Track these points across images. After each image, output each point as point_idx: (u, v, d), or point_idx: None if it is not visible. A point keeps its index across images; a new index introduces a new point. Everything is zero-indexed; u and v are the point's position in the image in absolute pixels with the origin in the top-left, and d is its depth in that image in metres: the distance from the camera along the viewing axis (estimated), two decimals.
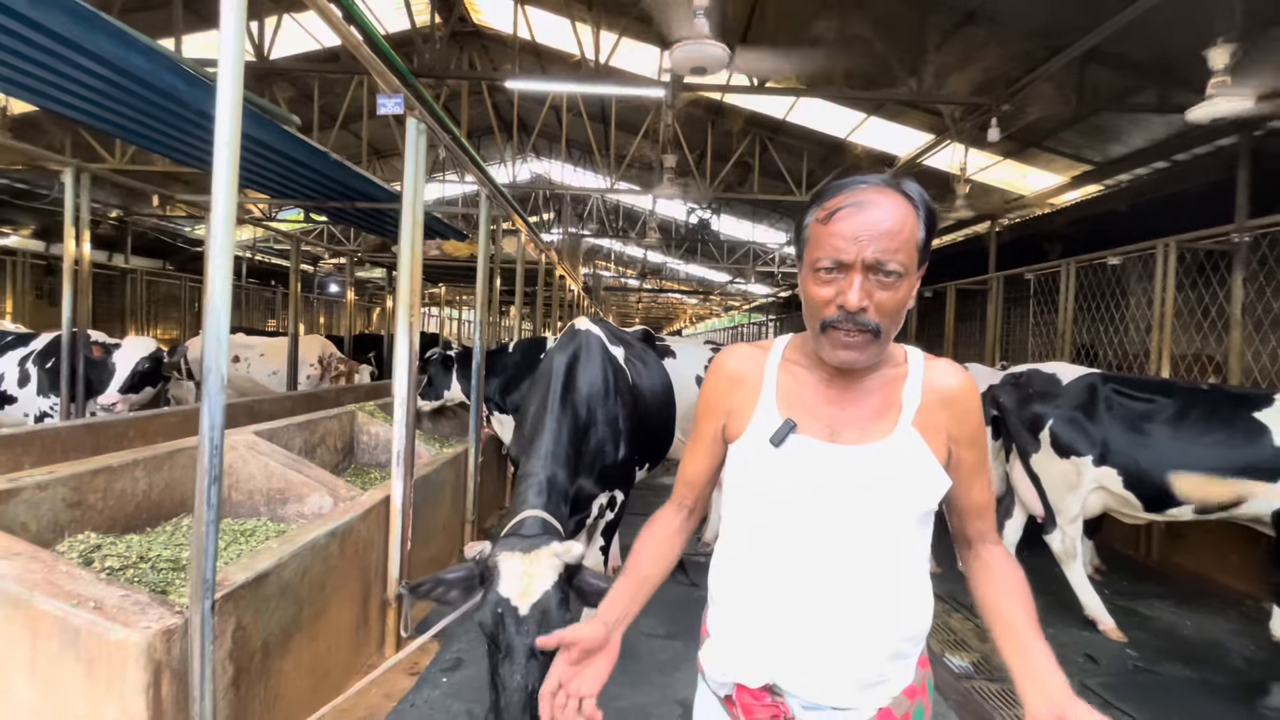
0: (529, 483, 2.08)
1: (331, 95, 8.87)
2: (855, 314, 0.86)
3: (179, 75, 2.76)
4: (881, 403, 0.95)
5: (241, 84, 1.67)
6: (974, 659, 3.15)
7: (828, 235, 0.88)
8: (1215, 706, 2.80)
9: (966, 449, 0.97)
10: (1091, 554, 4.41)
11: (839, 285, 0.87)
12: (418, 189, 2.88)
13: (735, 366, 1.04)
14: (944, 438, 0.95)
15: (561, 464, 2.15)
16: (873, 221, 0.86)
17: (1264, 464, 3.17)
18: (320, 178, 4.55)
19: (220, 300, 1.58)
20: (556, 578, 1.60)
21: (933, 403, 0.95)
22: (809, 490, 0.92)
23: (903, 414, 0.94)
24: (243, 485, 2.84)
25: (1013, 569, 1.00)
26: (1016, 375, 3.74)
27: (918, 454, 0.93)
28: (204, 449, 1.58)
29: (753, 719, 0.95)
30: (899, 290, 0.87)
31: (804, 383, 0.98)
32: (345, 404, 4.51)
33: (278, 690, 2.08)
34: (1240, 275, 4.63)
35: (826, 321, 0.89)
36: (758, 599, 0.95)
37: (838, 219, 0.87)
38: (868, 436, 0.93)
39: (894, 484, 0.92)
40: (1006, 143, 7.27)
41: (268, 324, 13.89)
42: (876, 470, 0.92)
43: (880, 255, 0.85)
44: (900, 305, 0.89)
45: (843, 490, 0.91)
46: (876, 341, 0.89)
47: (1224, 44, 3.82)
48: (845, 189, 0.89)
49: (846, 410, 0.95)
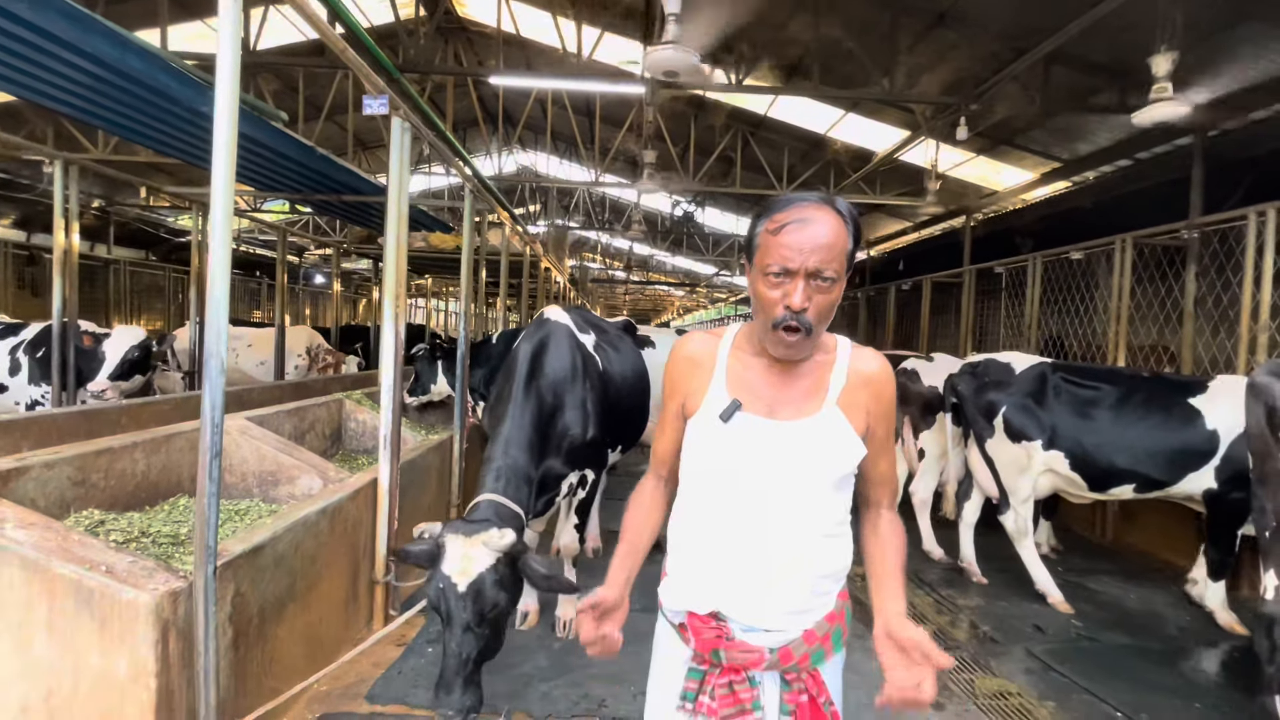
0: (488, 468, 2.27)
1: (316, 87, 8.89)
2: (799, 313, 1.05)
3: (172, 75, 2.86)
4: (812, 385, 1.15)
5: (238, 89, 1.81)
6: (931, 631, 3.36)
7: (777, 245, 1.05)
8: (1146, 669, 3.04)
9: (878, 422, 1.18)
10: (1049, 534, 4.66)
11: (785, 289, 1.05)
12: (403, 186, 3.01)
13: (692, 351, 1.22)
14: (863, 413, 1.15)
15: (522, 449, 2.31)
16: (814, 235, 1.04)
17: (1197, 446, 3.41)
18: (308, 172, 4.65)
19: (220, 291, 1.73)
20: (493, 560, 1.83)
21: (856, 384, 1.15)
22: (751, 458, 1.11)
23: (829, 395, 1.14)
24: (236, 468, 2.98)
25: (896, 531, 1.22)
26: (974, 364, 3.94)
27: (839, 428, 1.13)
28: (206, 427, 1.73)
29: (701, 638, 1.14)
30: (832, 293, 1.07)
31: (750, 368, 1.16)
32: (333, 393, 4.63)
33: (273, 654, 2.23)
34: (1193, 269, 4.87)
35: (776, 321, 1.07)
36: (708, 544, 1.15)
37: (786, 232, 1.05)
38: (800, 413, 1.13)
39: (819, 452, 1.12)
40: (979, 140, 7.50)
41: (253, 315, 13.87)
42: (806, 441, 1.11)
43: (820, 264, 1.04)
44: (832, 306, 1.09)
45: (779, 458, 1.11)
46: (810, 338, 1.08)
47: (1165, 52, 4.04)
48: (792, 205, 1.07)
49: (784, 391, 1.14)
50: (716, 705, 1.10)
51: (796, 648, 1.13)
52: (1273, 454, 2.33)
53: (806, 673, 1.13)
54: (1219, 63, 5.25)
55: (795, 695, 1.12)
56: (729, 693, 1.10)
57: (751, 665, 1.11)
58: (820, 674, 1.14)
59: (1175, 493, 3.53)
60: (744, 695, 1.10)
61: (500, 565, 1.84)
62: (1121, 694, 2.77)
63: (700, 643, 1.13)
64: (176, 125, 3.77)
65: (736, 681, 1.11)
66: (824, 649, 1.15)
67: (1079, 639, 3.33)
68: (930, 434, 4.40)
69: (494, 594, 1.82)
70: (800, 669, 1.13)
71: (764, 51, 6.96)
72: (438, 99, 10.11)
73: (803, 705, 1.12)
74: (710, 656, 1.12)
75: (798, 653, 1.12)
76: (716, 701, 1.10)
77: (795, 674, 1.13)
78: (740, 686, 1.11)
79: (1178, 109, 4.09)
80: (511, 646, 2.90)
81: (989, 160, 8.49)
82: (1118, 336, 5.15)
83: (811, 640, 1.13)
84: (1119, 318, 5.13)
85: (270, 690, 2.21)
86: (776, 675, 1.13)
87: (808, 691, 1.12)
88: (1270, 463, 2.34)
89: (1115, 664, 3.06)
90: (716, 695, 1.11)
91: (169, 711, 1.74)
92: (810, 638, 1.13)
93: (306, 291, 15.55)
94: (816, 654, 1.14)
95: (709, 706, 1.11)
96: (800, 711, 1.11)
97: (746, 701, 1.10)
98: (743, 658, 1.11)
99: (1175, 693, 2.82)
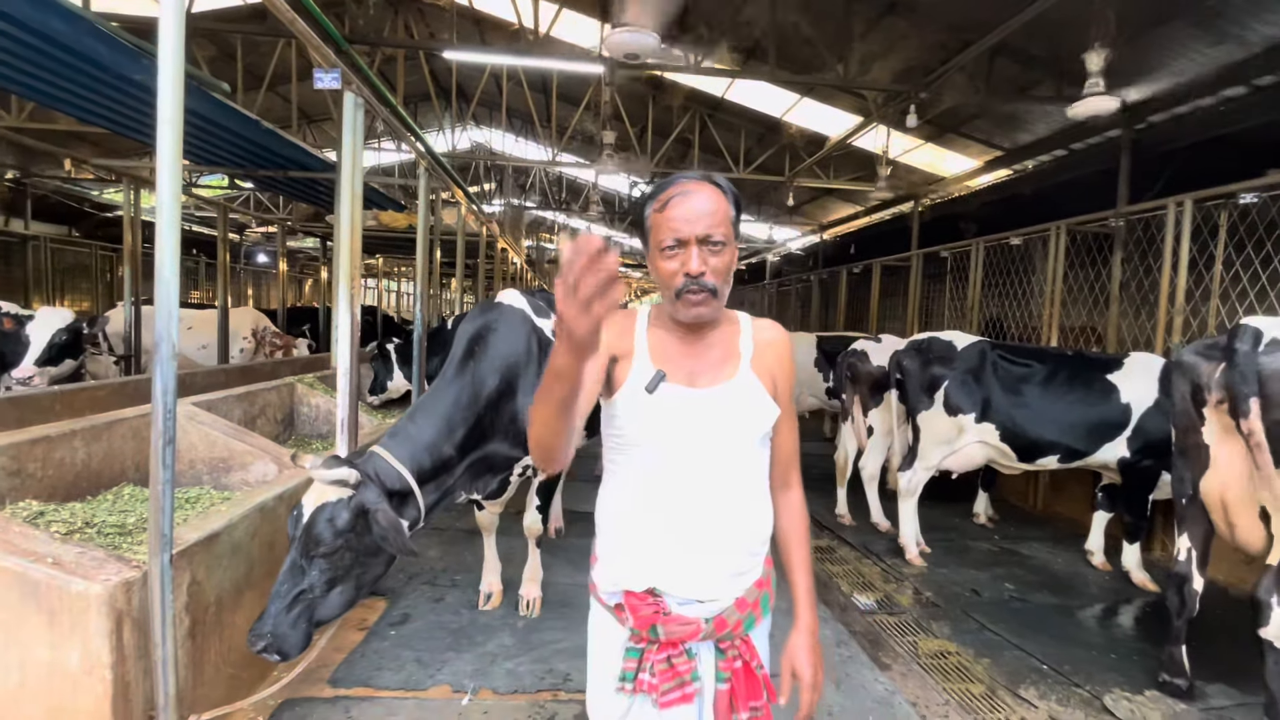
0: (393, 427, 2.30)
1: (257, 55, 8.43)
2: (698, 277, 1.10)
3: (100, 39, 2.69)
4: (725, 353, 1.20)
5: (183, 58, 1.73)
6: (878, 598, 3.55)
7: (667, 220, 1.11)
8: (1070, 625, 3.30)
9: (782, 385, 1.25)
10: (987, 505, 4.96)
11: (681, 258, 1.11)
12: (355, 162, 2.93)
13: (613, 320, 1.20)
14: (770, 377, 1.22)
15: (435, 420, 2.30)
16: (698, 205, 1.10)
17: (1113, 419, 3.69)
18: (251, 146, 4.45)
19: (169, 271, 1.67)
20: (335, 500, 1.90)
21: (762, 349, 1.22)
22: (679, 427, 1.14)
23: (742, 361, 1.20)
24: (184, 455, 2.88)
25: (802, 515, 1.30)
26: (919, 342, 4.12)
27: (755, 390, 1.19)
28: (158, 412, 1.68)
29: (639, 616, 1.15)
30: (725, 256, 1.12)
31: (666, 342, 1.19)
32: (283, 377, 4.49)
33: (232, 642, 2.20)
34: (1119, 255, 5.18)
35: (679, 289, 1.11)
36: (639, 520, 1.17)
37: (672, 206, 1.11)
38: (718, 380, 1.17)
39: (741, 414, 1.17)
40: (927, 127, 7.73)
41: (191, 295, 13.20)
42: (727, 405, 1.16)
43: (708, 229, 1.10)
44: (728, 268, 1.13)
45: (703, 424, 1.14)
46: (716, 298, 1.13)
47: (1099, 49, 4.25)
48: (673, 184, 1.13)
49: (700, 360, 1.18)
50: (656, 681, 1.12)
51: (730, 615, 1.16)
52: (1195, 428, 2.53)
53: (740, 639, 1.17)
54: (1146, 60, 5.56)
55: (730, 662, 1.16)
56: (668, 667, 1.13)
57: (689, 637, 1.14)
58: (751, 639, 1.20)
59: (1093, 462, 3.81)
60: (682, 668, 1.13)
61: (344, 506, 1.89)
62: (1047, 648, 3.01)
63: (638, 620, 1.14)
64: (103, 92, 3.54)
65: (674, 655, 1.13)
66: (754, 614, 1.20)
67: (1011, 600, 3.58)
68: (878, 412, 4.59)
69: (323, 531, 1.85)
70: (734, 636, 1.17)
71: (722, 33, 6.97)
72: (388, 72, 9.74)
73: (737, 671, 1.17)
74: (648, 633, 1.14)
75: (731, 620, 1.16)
76: (656, 677, 1.12)
77: (729, 641, 1.17)
78: (678, 660, 1.13)
79: (1108, 103, 4.33)
80: (476, 626, 2.95)
81: (936, 147, 8.77)
82: (1051, 318, 5.45)
83: (744, 607, 1.19)
84: (1053, 300, 5.43)
85: (229, 679, 2.18)
86: (711, 645, 1.17)
87: (741, 657, 1.18)
88: (1192, 436, 2.55)
89: (1042, 622, 3.31)
90: (656, 671, 1.12)
91: (125, 702, 1.71)
92: (742, 605, 1.19)
93: (249, 271, 14.87)
94: (748, 620, 1.19)
95: (649, 683, 1.12)
96: (735, 677, 1.17)
97: (685, 674, 1.13)
98: (680, 630, 1.14)
99: (1094, 646, 3.08)
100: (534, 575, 3.17)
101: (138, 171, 6.04)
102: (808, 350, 6.50)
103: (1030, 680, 2.76)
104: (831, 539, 4.50)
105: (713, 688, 1.17)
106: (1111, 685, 2.72)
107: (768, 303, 14.28)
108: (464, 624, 2.97)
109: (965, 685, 2.71)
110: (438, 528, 4.13)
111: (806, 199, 12.70)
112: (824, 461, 6.29)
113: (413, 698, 2.39)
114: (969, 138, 8.10)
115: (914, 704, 2.53)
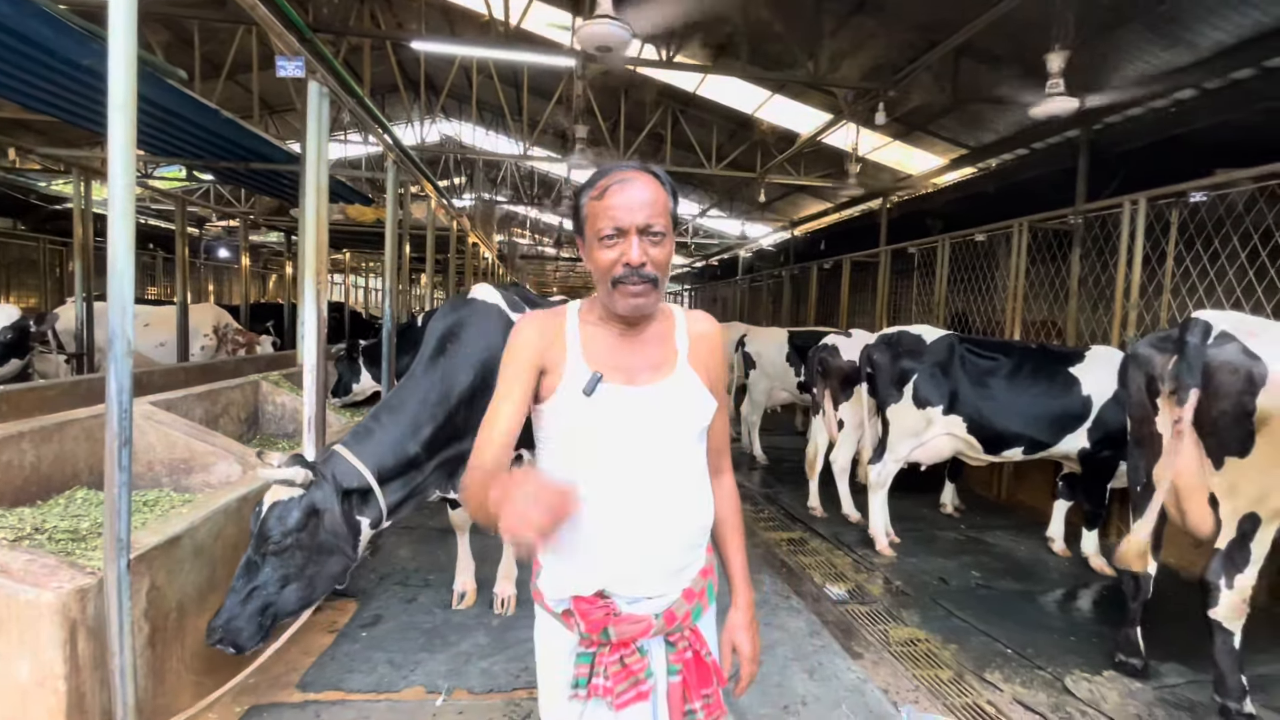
0: (357, 425, 2.26)
1: (215, 43, 8.14)
2: (638, 268, 1.08)
3: (46, 22, 2.56)
4: (662, 349, 1.18)
5: (135, 42, 1.65)
6: (850, 588, 3.61)
7: (605, 209, 1.09)
8: (1032, 610, 3.41)
9: (716, 377, 1.25)
10: (953, 495, 5.08)
11: (621, 248, 1.09)
12: (321, 154, 2.85)
13: (542, 325, 1.19)
14: (705, 371, 1.22)
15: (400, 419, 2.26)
16: (637, 194, 1.08)
17: (1074, 410, 3.81)
18: (210, 136, 4.30)
19: (124, 265, 1.60)
20: (287, 498, 1.90)
21: (696, 343, 1.21)
22: (619, 426, 1.12)
23: (679, 356, 1.19)
24: (141, 456, 2.78)
25: (734, 499, 1.32)
26: (889, 336, 4.20)
27: (693, 384, 1.18)
28: (113, 412, 1.61)
29: (589, 620, 1.12)
30: (664, 247, 1.11)
31: (601, 340, 1.16)
32: (247, 375, 4.36)
33: (195, 648, 2.13)
34: (1078, 252, 5.35)
35: (616, 279, 1.09)
36: (587, 524, 1.11)
37: (610, 194, 1.09)
38: (657, 376, 1.16)
39: (681, 411, 1.16)
40: (895, 125, 7.86)
41: (148, 291, 12.73)
42: (667, 401, 1.15)
43: (648, 219, 1.08)
44: (667, 259, 1.12)
45: (644, 421, 1.13)
46: (656, 290, 1.11)
47: (1059, 50, 4.38)
48: (611, 173, 1.11)
49: (638, 358, 1.16)
50: (610, 683, 1.10)
51: (679, 608, 1.16)
52: (1150, 418, 2.63)
53: (689, 629, 1.17)
54: (1103, 63, 5.74)
55: (681, 654, 1.16)
56: (621, 668, 1.11)
57: (640, 635, 1.13)
58: (699, 628, 1.20)
59: (1055, 453, 3.93)
60: (635, 667, 1.12)
61: (294, 505, 1.90)
62: (1012, 633, 3.10)
63: (589, 624, 1.12)
64: (50, 78, 3.38)
65: (627, 655, 1.12)
66: (701, 604, 1.20)
67: (977, 588, 3.68)
68: (849, 405, 4.66)
69: (273, 529, 1.87)
70: (683, 627, 1.17)
71: (694, 29, 6.98)
72: (353, 62, 9.50)
73: (688, 661, 1.16)
74: (599, 636, 1.12)
75: (680, 612, 1.16)
76: (610, 680, 1.11)
77: (679, 634, 1.16)
78: (631, 659, 1.12)
79: (1068, 104, 4.46)
80: (450, 625, 2.91)
81: (904, 145, 8.93)
82: (1014, 313, 5.60)
83: (691, 598, 1.19)
84: (1016, 295, 5.58)
85: (193, 685, 2.12)
86: (661, 639, 1.16)
87: (691, 647, 1.18)
88: (1147, 426, 2.65)
89: (1007, 608, 3.41)
90: (609, 674, 1.11)
91: (81, 714, 1.65)
92: (689, 595, 1.19)
93: (209, 266, 14.39)
94: (696, 610, 1.19)
95: (604, 687, 1.10)
96: (686, 668, 1.17)
97: (639, 672, 1.12)
98: (632, 630, 1.12)
99: (1055, 629, 3.18)
100: (508, 573, 3.15)
101: (88, 162, 5.78)
102: (779, 345, 6.57)
103: (996, 664, 2.84)
104: (804, 531, 4.56)
105: (665, 681, 1.16)
106: (1072, 667, 2.82)
107: (740, 298, 14.38)
108: (437, 624, 2.93)
109: (934, 671, 2.77)
110: (409, 526, 4.07)
111: (778, 195, 12.82)
112: (796, 455, 6.38)
113: (385, 700, 2.35)
114: (935, 136, 8.26)
115: (885, 691, 2.58)
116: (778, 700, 2.46)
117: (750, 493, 5.56)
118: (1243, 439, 2.32)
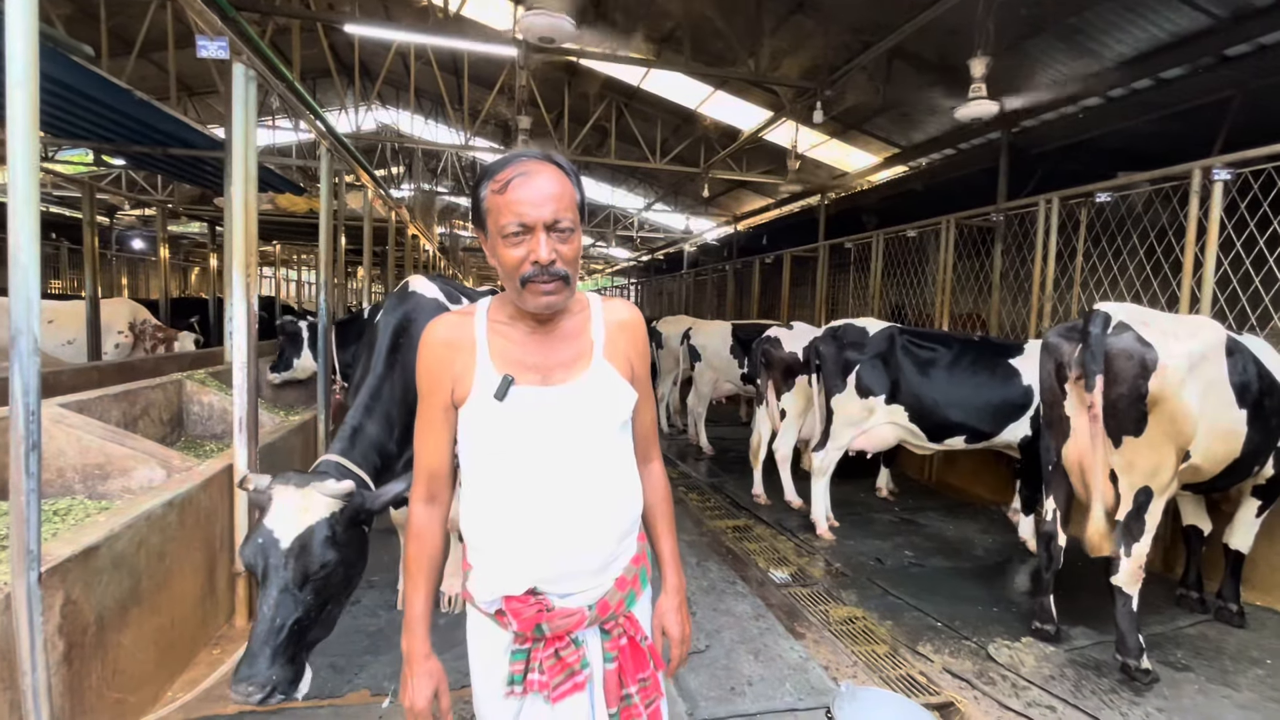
0: (339, 432, 2.16)
1: (125, 17, 7.55)
2: (548, 265, 1.04)
3: None
4: (577, 344, 1.15)
5: (36, 17, 1.54)
6: (792, 571, 3.74)
7: (509, 203, 1.03)
8: (960, 585, 3.63)
9: (638, 364, 1.23)
10: (888, 480, 5.32)
11: (528, 245, 1.03)
12: (249, 140, 2.71)
13: (447, 336, 1.14)
14: (626, 360, 1.18)
15: (377, 418, 2.22)
16: (543, 187, 1.03)
17: (1016, 400, 3.99)
18: (121, 118, 4.01)
19: (28, 256, 1.49)
20: (328, 514, 1.62)
21: (614, 333, 1.17)
22: (535, 429, 1.09)
23: (595, 350, 1.15)
24: (51, 462, 2.59)
25: (664, 485, 1.31)
26: (834, 328, 4.33)
27: (611, 378, 1.15)
28: (19, 415, 1.50)
29: (522, 619, 1.11)
30: (573, 242, 1.06)
31: (512, 339, 1.13)
32: (169, 373, 4.11)
33: (116, 664, 2.01)
34: (999, 247, 5.67)
35: (526, 277, 1.05)
36: (511, 526, 1.11)
37: (513, 188, 1.03)
38: (572, 374, 1.13)
39: (598, 406, 1.13)
40: (833, 123, 8.10)
41: (51, 285, 11.76)
42: (584, 399, 1.12)
43: (555, 214, 1.03)
44: (577, 254, 1.08)
45: (562, 421, 1.10)
46: (567, 286, 1.08)
47: (981, 56, 4.63)
48: (512, 163, 1.05)
49: (551, 356, 1.13)
50: (546, 678, 1.10)
51: (612, 597, 1.15)
52: (1059, 402, 2.83)
53: (623, 616, 1.17)
54: (1020, 69, 6.10)
55: (616, 641, 1.16)
56: (556, 661, 1.11)
57: (574, 628, 1.12)
58: (634, 614, 1.19)
59: (998, 442, 4.11)
60: (571, 659, 1.11)
61: (337, 520, 1.62)
62: (941, 607, 3.30)
63: (522, 623, 1.11)
64: None
65: (562, 648, 1.11)
66: (634, 590, 1.20)
67: (910, 566, 3.88)
68: (791, 395, 4.80)
69: (323, 552, 1.57)
70: (617, 615, 1.16)
71: (637, 21, 6.98)
72: (281, 44, 9.02)
73: (623, 648, 1.16)
74: (533, 633, 1.11)
75: (614, 601, 1.15)
76: (545, 674, 1.10)
77: (613, 622, 1.16)
78: (566, 652, 1.11)
79: (988, 107, 4.73)
80: (394, 627, 2.85)
81: (841, 143, 9.22)
82: (943, 305, 5.90)
83: (624, 586, 1.17)
84: (944, 288, 5.88)
85: (114, 704, 2.00)
86: (596, 628, 1.15)
87: (626, 634, 1.17)
88: (1057, 409, 2.85)
89: (937, 584, 3.62)
90: (545, 668, 1.10)
91: None
92: (622, 584, 1.17)
93: (122, 258, 13.41)
94: (629, 597, 1.18)
95: (539, 682, 1.10)
96: (622, 654, 1.16)
97: (574, 663, 1.11)
98: (565, 623, 1.11)
99: (980, 602, 3.40)
100: (456, 570, 3.10)
101: None
102: (724, 338, 6.69)
103: (927, 637, 3.02)
104: (748, 518, 4.68)
105: (601, 670, 1.16)
106: (995, 635, 3.02)
107: (685, 292, 14.54)
108: (382, 625, 2.87)
109: (871, 647, 2.92)
110: None
111: (721, 190, 13.00)
112: (740, 445, 6.53)
113: (329, 705, 2.29)
114: (870, 135, 8.57)
115: (826, 668, 2.70)
116: (725, 682, 2.53)
117: (696, 482, 5.67)
118: (1137, 420, 2.53)
